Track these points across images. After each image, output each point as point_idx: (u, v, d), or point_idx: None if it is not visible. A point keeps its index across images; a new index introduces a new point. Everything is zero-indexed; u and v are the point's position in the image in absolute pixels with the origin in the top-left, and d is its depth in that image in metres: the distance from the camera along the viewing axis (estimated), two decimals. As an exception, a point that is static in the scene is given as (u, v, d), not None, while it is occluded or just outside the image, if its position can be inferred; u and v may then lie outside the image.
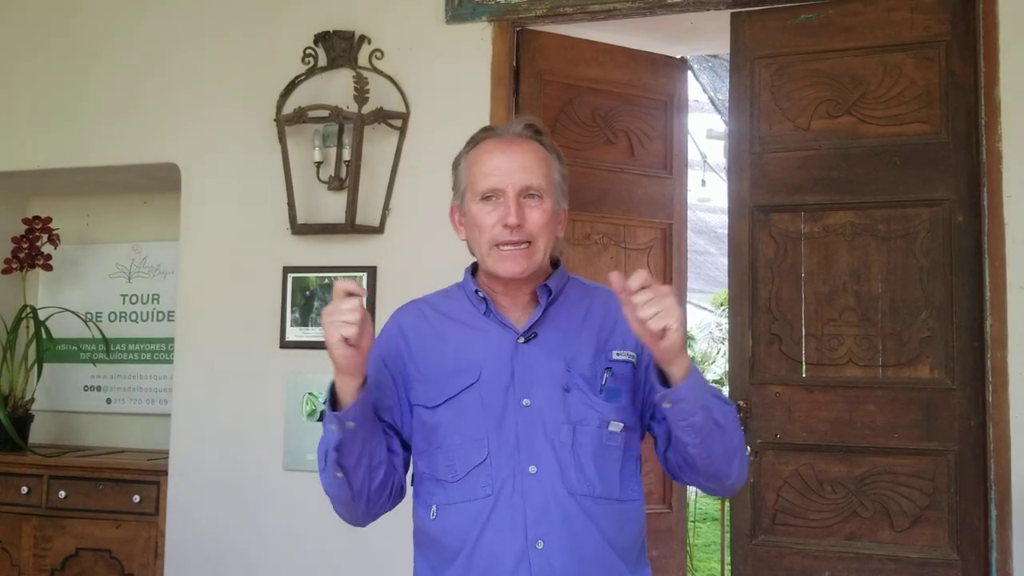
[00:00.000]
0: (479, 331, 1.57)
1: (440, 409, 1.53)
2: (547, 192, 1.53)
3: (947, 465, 2.57)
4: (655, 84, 3.34)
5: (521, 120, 1.60)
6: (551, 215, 1.54)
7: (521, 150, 1.54)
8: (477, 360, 1.53)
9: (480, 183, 1.54)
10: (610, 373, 1.53)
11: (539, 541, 1.44)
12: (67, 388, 3.85)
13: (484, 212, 1.53)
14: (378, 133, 2.99)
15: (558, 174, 1.58)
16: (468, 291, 1.62)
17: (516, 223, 1.49)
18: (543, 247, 1.53)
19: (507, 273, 1.52)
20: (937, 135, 2.65)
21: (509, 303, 1.58)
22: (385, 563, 2.88)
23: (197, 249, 3.20)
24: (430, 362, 1.56)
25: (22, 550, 3.24)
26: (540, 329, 1.55)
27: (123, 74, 3.34)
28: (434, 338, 1.59)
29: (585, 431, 1.49)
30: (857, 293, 2.69)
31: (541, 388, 1.50)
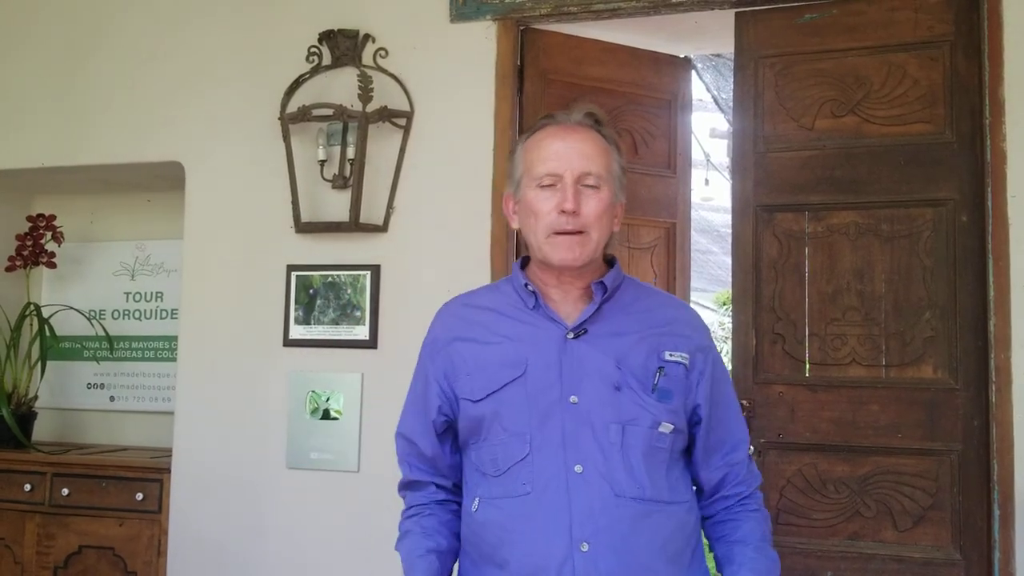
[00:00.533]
0: (527, 325, 1.53)
1: (484, 402, 1.50)
2: (605, 182, 1.51)
3: (950, 465, 2.57)
4: (659, 83, 3.34)
5: (581, 108, 1.56)
6: (608, 206, 1.51)
7: (581, 137, 1.52)
8: (523, 354, 1.50)
9: (537, 168, 1.51)
10: (663, 373, 1.49)
11: (584, 543, 1.41)
12: (70, 386, 3.85)
13: (541, 198, 1.50)
14: (382, 132, 2.99)
15: (617, 166, 1.55)
16: (517, 284, 1.58)
17: (572, 209, 1.46)
18: (597, 238, 1.50)
19: (561, 261, 1.49)
20: (941, 135, 2.65)
21: (560, 297, 1.55)
22: (386, 561, 2.88)
23: (201, 247, 3.21)
24: (477, 356, 1.54)
25: (25, 547, 3.24)
26: (591, 325, 1.51)
27: (127, 72, 3.34)
28: (481, 330, 1.56)
29: (635, 431, 1.45)
30: (861, 293, 2.69)
31: (590, 385, 1.46)
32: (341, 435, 2.97)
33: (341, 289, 3.02)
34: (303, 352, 3.05)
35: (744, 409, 2.71)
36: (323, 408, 3.00)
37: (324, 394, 3.00)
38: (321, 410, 3.00)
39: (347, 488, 2.94)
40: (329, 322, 3.02)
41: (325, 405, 3.00)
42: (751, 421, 2.70)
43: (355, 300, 3.00)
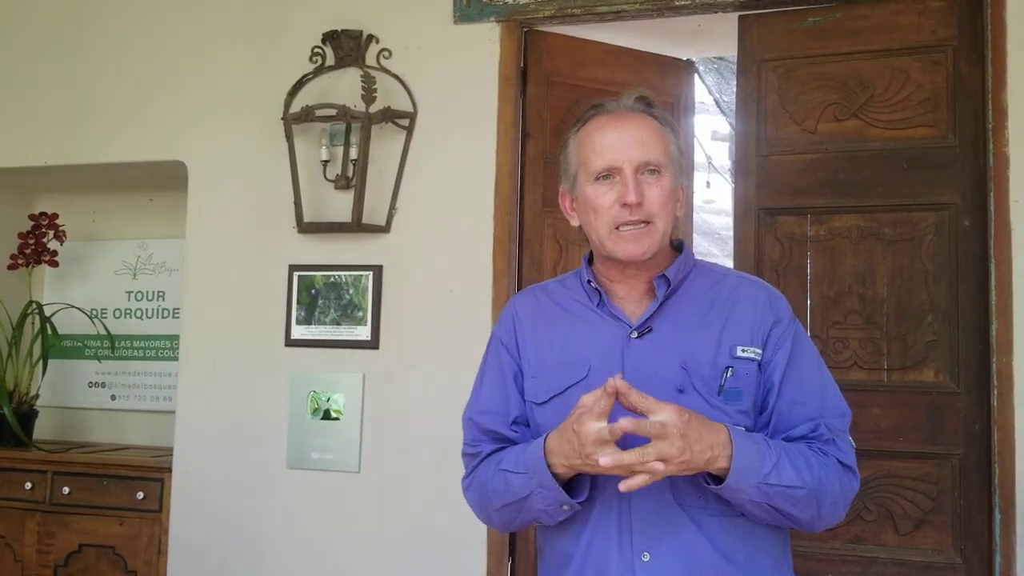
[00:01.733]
0: (590, 324, 1.48)
1: (548, 405, 1.45)
2: (666, 167, 1.44)
3: (951, 469, 2.57)
4: (662, 86, 3.34)
5: (631, 93, 1.49)
6: (670, 191, 1.44)
7: (635, 124, 1.45)
8: (586, 355, 1.45)
9: (594, 162, 1.44)
10: (731, 372, 1.41)
11: (645, 553, 1.36)
12: (72, 384, 3.85)
13: (600, 192, 1.43)
14: (385, 132, 3.00)
15: (675, 148, 1.48)
16: (582, 281, 1.52)
17: (636, 201, 1.40)
18: (662, 227, 1.43)
19: (628, 255, 1.42)
20: (944, 139, 2.65)
21: (626, 293, 1.49)
22: (387, 561, 2.88)
23: (203, 246, 3.21)
24: (540, 355, 1.50)
25: (26, 546, 3.25)
26: (656, 323, 1.44)
27: (131, 71, 3.35)
28: (545, 328, 1.51)
29: None
30: (862, 296, 2.69)
31: (652, 388, 1.34)
32: (342, 435, 2.97)
33: (343, 289, 3.02)
34: (304, 352, 3.05)
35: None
36: (324, 408, 3.00)
37: (325, 394, 3.00)
38: (322, 410, 3.00)
39: (348, 488, 2.94)
40: (331, 322, 3.02)
41: (326, 405, 3.00)
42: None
43: (357, 300, 3.00)
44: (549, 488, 1.36)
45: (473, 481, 1.52)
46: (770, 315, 1.47)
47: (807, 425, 1.43)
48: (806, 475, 1.35)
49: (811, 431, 1.43)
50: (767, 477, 1.32)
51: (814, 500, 1.36)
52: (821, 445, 1.42)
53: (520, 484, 1.39)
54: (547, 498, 1.37)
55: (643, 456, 1.25)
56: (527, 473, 1.38)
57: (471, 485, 1.52)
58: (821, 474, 1.37)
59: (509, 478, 1.41)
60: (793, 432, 1.43)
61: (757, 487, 1.32)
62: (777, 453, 1.34)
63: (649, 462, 1.25)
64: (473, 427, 1.55)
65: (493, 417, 1.52)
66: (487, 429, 1.52)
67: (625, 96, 1.48)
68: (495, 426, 1.51)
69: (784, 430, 1.43)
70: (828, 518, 1.41)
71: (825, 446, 1.42)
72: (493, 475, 1.45)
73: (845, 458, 1.43)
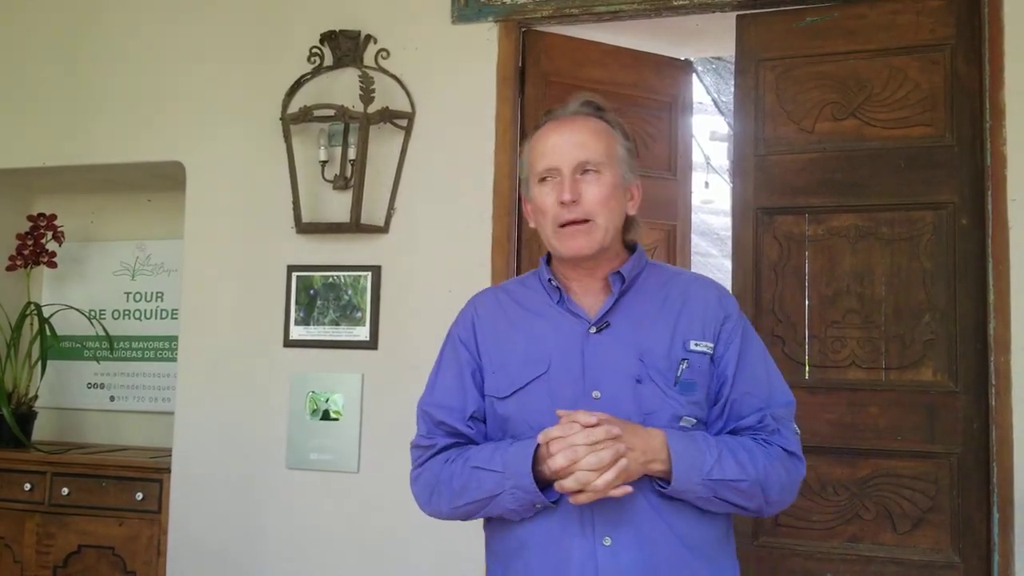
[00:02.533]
0: (551, 320, 1.53)
1: (510, 400, 1.51)
2: (606, 166, 1.50)
3: (949, 468, 2.57)
4: (660, 86, 3.34)
5: (578, 98, 1.57)
6: (611, 189, 1.50)
7: (575, 127, 1.52)
8: (547, 350, 1.50)
9: (537, 164, 1.53)
10: (687, 364, 1.48)
11: (606, 538, 1.42)
12: (71, 385, 3.85)
13: (544, 193, 1.51)
14: (383, 133, 3.00)
15: (622, 148, 1.55)
16: (543, 279, 1.58)
17: (570, 199, 1.46)
18: (604, 224, 1.49)
19: (570, 252, 1.49)
20: (942, 138, 2.65)
21: (583, 291, 1.55)
22: (386, 561, 2.88)
23: (201, 247, 3.21)
24: (501, 352, 1.54)
25: (25, 547, 3.24)
26: (613, 318, 1.50)
27: (129, 72, 3.35)
28: (506, 326, 1.57)
29: (655, 425, 1.44)
30: (860, 296, 2.69)
31: (612, 380, 1.46)
32: (341, 436, 2.97)
33: (342, 290, 3.02)
34: (303, 352, 3.05)
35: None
36: (323, 408, 3.00)
37: (324, 394, 3.00)
38: (321, 410, 3.00)
39: (347, 489, 2.94)
40: (329, 323, 3.02)
41: (325, 406, 3.00)
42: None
43: (356, 301, 3.00)
44: (527, 491, 1.41)
45: (424, 473, 1.56)
46: (720, 311, 1.54)
47: (755, 416, 1.51)
48: (748, 467, 1.43)
49: (758, 422, 1.51)
50: (710, 473, 1.41)
51: (759, 489, 1.45)
52: (766, 436, 1.50)
53: (493, 483, 1.44)
54: (521, 499, 1.43)
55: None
56: (503, 472, 1.43)
57: (420, 477, 1.56)
58: (765, 464, 1.45)
59: (481, 476, 1.45)
60: (742, 423, 1.51)
61: (702, 483, 1.41)
62: (718, 449, 1.43)
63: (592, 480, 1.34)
64: (427, 419, 1.59)
65: (448, 411, 1.56)
66: (440, 421, 1.56)
67: (572, 101, 1.57)
68: (451, 420, 1.56)
69: (735, 420, 1.51)
70: (777, 504, 1.50)
71: (770, 436, 1.50)
72: (462, 471, 1.49)
73: (789, 445, 1.51)
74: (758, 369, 1.54)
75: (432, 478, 1.53)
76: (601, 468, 1.33)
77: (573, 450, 1.33)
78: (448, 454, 1.54)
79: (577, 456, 1.33)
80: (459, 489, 1.48)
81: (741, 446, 1.46)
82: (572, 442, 1.34)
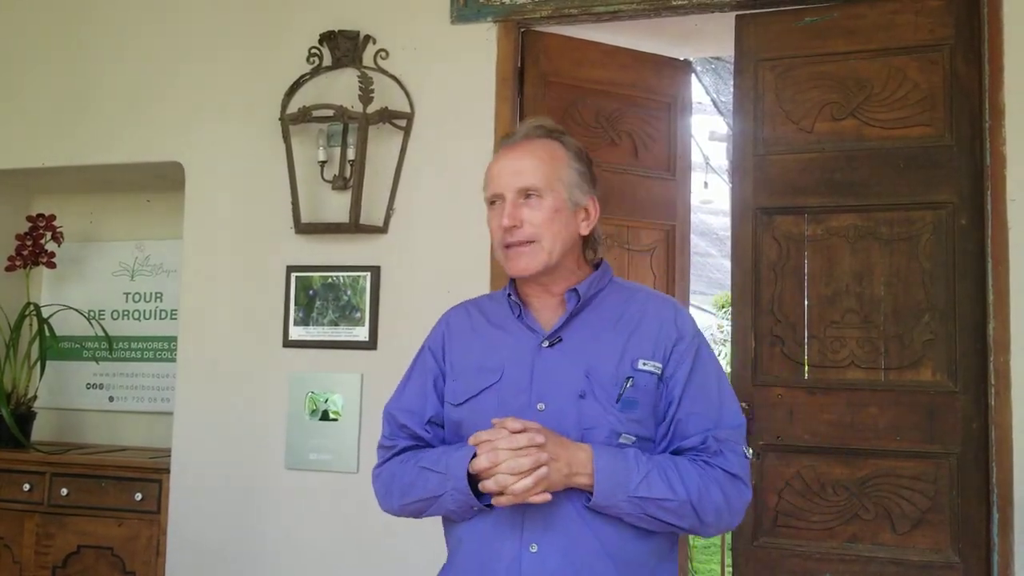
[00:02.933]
0: (509, 333, 1.59)
1: (463, 407, 1.57)
2: (547, 190, 1.55)
3: (949, 468, 2.57)
4: (659, 86, 3.34)
5: (530, 122, 1.63)
6: (551, 213, 1.54)
7: (521, 152, 1.58)
8: (501, 361, 1.56)
9: (487, 190, 1.61)
10: (631, 383, 1.50)
11: (533, 544, 1.46)
12: (70, 386, 3.85)
13: (492, 217, 1.59)
14: (383, 133, 3.00)
15: (570, 170, 1.59)
16: (506, 295, 1.64)
17: (508, 224, 1.53)
18: (549, 245, 1.54)
19: (514, 272, 1.56)
20: (941, 138, 2.65)
21: (540, 306, 1.61)
22: (385, 561, 2.88)
23: (200, 248, 3.21)
24: (462, 361, 1.61)
25: (24, 547, 3.24)
26: (566, 333, 1.55)
27: (128, 72, 3.35)
28: (471, 336, 1.63)
29: (594, 440, 1.47)
30: (860, 296, 2.69)
31: (557, 393, 1.51)
32: (340, 436, 2.97)
33: (341, 290, 3.02)
34: (302, 353, 3.05)
35: (743, 411, 2.71)
36: (322, 409, 3.00)
37: (323, 395, 3.00)
38: (320, 411, 3.00)
39: (346, 489, 2.94)
40: (328, 323, 3.02)
41: (324, 406, 3.00)
42: (750, 423, 2.70)
43: (355, 301, 3.00)
44: (463, 492, 1.46)
45: (383, 473, 1.63)
46: (674, 332, 1.56)
47: (699, 436, 1.52)
48: (678, 487, 1.45)
49: (701, 443, 1.52)
50: (636, 490, 1.43)
51: (690, 510, 1.46)
52: (708, 457, 1.51)
53: (436, 483, 1.50)
54: (459, 500, 1.48)
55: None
56: (445, 474, 1.49)
57: (380, 475, 1.64)
58: (700, 485, 1.46)
59: (428, 476, 1.52)
60: (685, 443, 1.52)
61: (628, 500, 1.43)
62: (647, 468, 1.45)
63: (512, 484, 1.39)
64: (391, 421, 1.67)
65: (410, 415, 1.64)
66: (403, 425, 1.64)
67: (522, 126, 1.63)
68: (411, 424, 1.63)
69: (680, 439, 1.53)
70: (715, 526, 1.51)
71: (712, 458, 1.51)
72: (411, 470, 1.56)
73: (731, 467, 1.51)
74: (709, 391, 1.56)
75: (388, 477, 1.61)
76: (519, 473, 1.38)
77: (495, 453, 1.40)
78: (405, 455, 1.61)
79: (498, 459, 1.39)
80: (407, 487, 1.55)
81: (674, 465, 1.48)
82: (495, 445, 1.40)
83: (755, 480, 2.71)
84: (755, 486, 2.70)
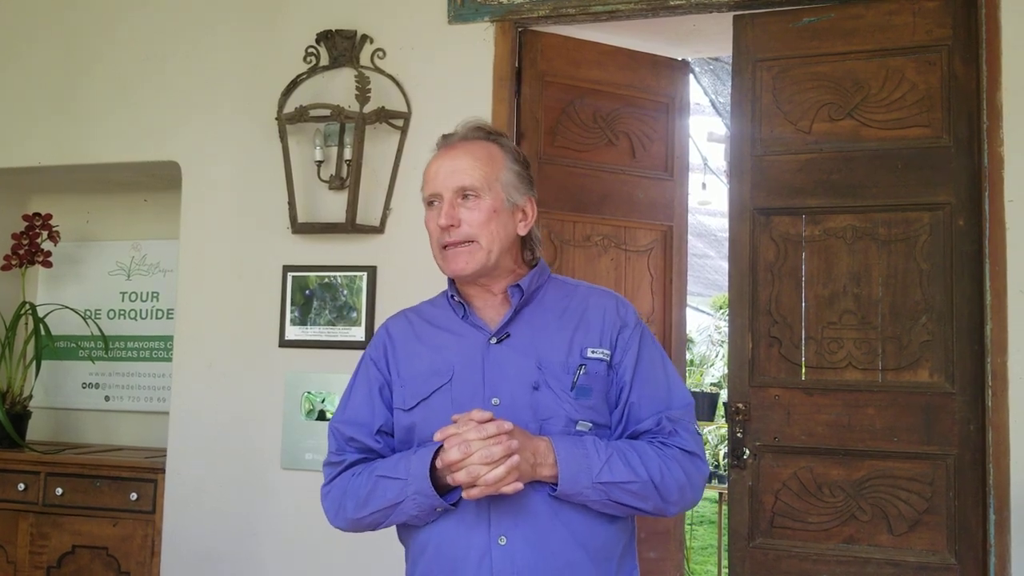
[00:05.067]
0: (456, 334, 1.60)
1: (415, 411, 1.56)
2: (485, 190, 1.56)
3: (946, 469, 2.57)
4: (657, 86, 3.34)
5: (468, 123, 1.64)
6: (489, 213, 1.55)
7: (458, 153, 1.58)
8: (450, 361, 1.56)
9: (425, 190, 1.60)
10: (584, 370, 1.53)
11: (502, 537, 1.46)
12: (65, 385, 3.84)
13: (430, 217, 1.58)
14: (379, 133, 2.99)
15: (508, 171, 1.60)
16: (448, 297, 1.65)
17: (446, 224, 1.54)
18: (487, 245, 1.55)
19: (451, 272, 1.57)
20: (939, 139, 2.65)
21: (483, 305, 1.61)
22: (382, 561, 2.87)
23: (197, 247, 3.20)
24: (409, 367, 1.60)
25: (19, 547, 3.24)
26: (513, 329, 1.57)
27: (125, 71, 3.34)
28: (415, 343, 1.63)
29: (551, 429, 1.50)
30: (857, 296, 2.69)
31: (510, 387, 1.52)
32: (336, 436, 2.96)
33: (337, 290, 3.01)
34: (299, 353, 3.04)
35: (739, 412, 2.71)
36: (318, 409, 2.99)
37: (319, 395, 3.00)
38: (316, 411, 2.99)
39: (342, 489, 2.93)
40: (325, 323, 3.01)
41: (320, 406, 2.99)
42: (747, 424, 2.70)
43: (351, 301, 3.00)
44: (426, 495, 1.45)
45: (333, 489, 1.60)
46: (618, 320, 1.60)
47: (652, 419, 1.56)
48: (640, 469, 1.48)
49: (655, 424, 1.55)
50: (599, 476, 1.45)
51: (653, 490, 1.49)
52: (663, 438, 1.55)
53: (396, 490, 1.49)
54: (422, 503, 1.47)
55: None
56: (405, 479, 1.48)
57: (330, 492, 1.61)
58: (660, 465, 1.50)
59: (385, 484, 1.50)
60: (640, 427, 1.56)
61: (592, 487, 1.45)
62: (608, 452, 1.47)
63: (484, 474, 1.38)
64: (338, 436, 1.63)
65: (358, 428, 1.61)
66: (350, 438, 1.61)
67: (462, 127, 1.64)
68: (360, 436, 1.60)
69: (634, 423, 1.56)
70: (678, 503, 1.54)
71: (668, 438, 1.55)
72: (366, 482, 1.54)
73: (687, 445, 1.56)
74: (656, 374, 1.60)
75: (339, 492, 1.58)
76: (492, 462, 1.37)
77: (466, 444, 1.38)
78: (355, 468, 1.59)
79: (470, 450, 1.37)
80: (364, 499, 1.53)
81: (633, 448, 1.50)
82: (464, 437, 1.38)
83: (752, 481, 2.71)
84: (752, 487, 2.71)
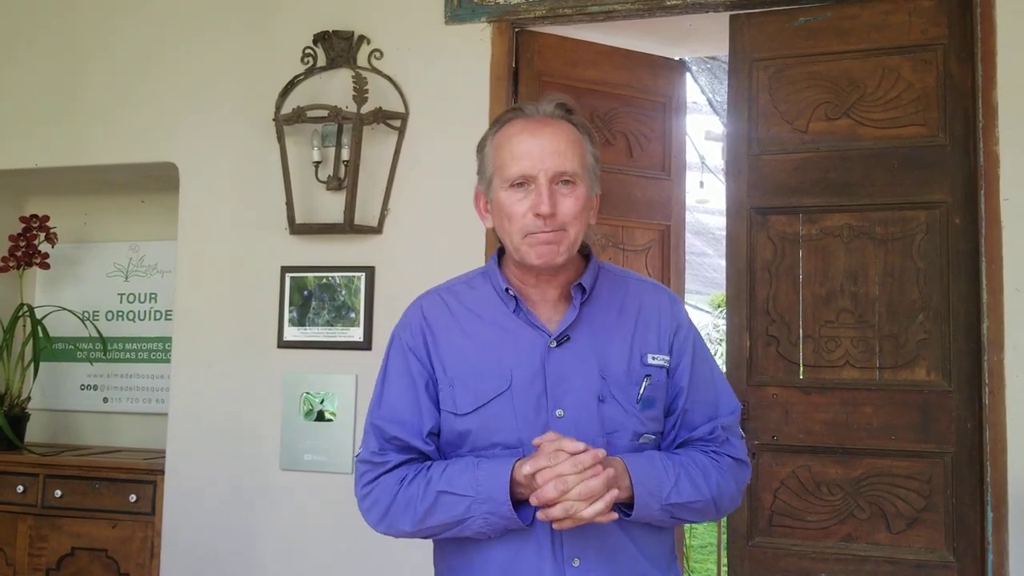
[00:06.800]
0: (508, 331, 1.47)
1: (470, 417, 1.44)
2: (580, 177, 1.43)
3: (943, 467, 2.57)
4: (654, 86, 3.34)
5: (551, 98, 1.48)
6: (584, 202, 1.43)
7: (553, 132, 1.43)
8: (508, 364, 1.44)
9: (510, 169, 1.42)
10: (650, 381, 1.45)
11: (575, 559, 1.39)
12: (64, 387, 3.84)
13: (514, 200, 1.42)
14: (377, 133, 2.99)
15: (591, 157, 1.47)
16: (497, 286, 1.51)
17: (549, 212, 1.39)
18: (575, 235, 1.43)
19: (541, 261, 1.42)
20: (934, 138, 2.66)
21: (540, 298, 1.49)
22: (381, 562, 2.88)
23: (195, 248, 3.20)
24: (456, 364, 1.47)
25: (17, 549, 3.24)
26: (573, 331, 1.46)
27: (122, 72, 3.34)
28: (459, 335, 1.48)
29: (618, 443, 1.42)
30: (854, 295, 2.70)
31: (575, 398, 1.42)
32: (335, 437, 2.96)
33: (335, 291, 3.01)
34: (297, 354, 3.04)
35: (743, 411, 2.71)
36: (317, 410, 2.99)
37: (318, 396, 3.00)
38: (315, 412, 2.99)
39: (341, 490, 2.93)
40: (323, 324, 3.01)
41: (319, 407, 2.99)
42: (744, 424, 2.71)
43: (349, 302, 3.00)
44: (504, 516, 1.36)
45: (375, 490, 1.46)
46: (673, 321, 1.53)
47: (707, 426, 1.51)
48: (703, 487, 1.44)
49: (709, 433, 1.50)
50: (668, 498, 1.40)
51: (712, 506, 1.47)
52: (716, 447, 1.51)
53: (463, 507, 1.38)
54: (494, 523, 1.37)
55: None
56: (474, 497, 1.37)
57: (371, 494, 1.46)
58: (718, 480, 1.47)
59: (449, 500, 1.39)
60: (694, 434, 1.51)
61: (661, 508, 1.40)
62: (675, 473, 1.42)
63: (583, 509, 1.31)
64: (379, 434, 1.49)
65: (402, 426, 1.47)
66: (393, 437, 1.47)
67: (545, 101, 1.47)
68: (405, 436, 1.46)
69: (688, 430, 1.51)
70: (725, 511, 1.53)
71: (720, 447, 1.51)
72: (424, 495, 1.40)
73: (737, 453, 1.53)
74: (708, 378, 1.54)
75: (387, 498, 1.44)
76: (591, 497, 1.29)
77: (563, 480, 1.29)
78: (402, 472, 1.45)
79: (567, 486, 1.29)
80: (423, 515, 1.40)
81: (695, 464, 1.45)
82: (560, 471, 1.29)
83: (750, 480, 2.71)
84: (750, 486, 2.71)
